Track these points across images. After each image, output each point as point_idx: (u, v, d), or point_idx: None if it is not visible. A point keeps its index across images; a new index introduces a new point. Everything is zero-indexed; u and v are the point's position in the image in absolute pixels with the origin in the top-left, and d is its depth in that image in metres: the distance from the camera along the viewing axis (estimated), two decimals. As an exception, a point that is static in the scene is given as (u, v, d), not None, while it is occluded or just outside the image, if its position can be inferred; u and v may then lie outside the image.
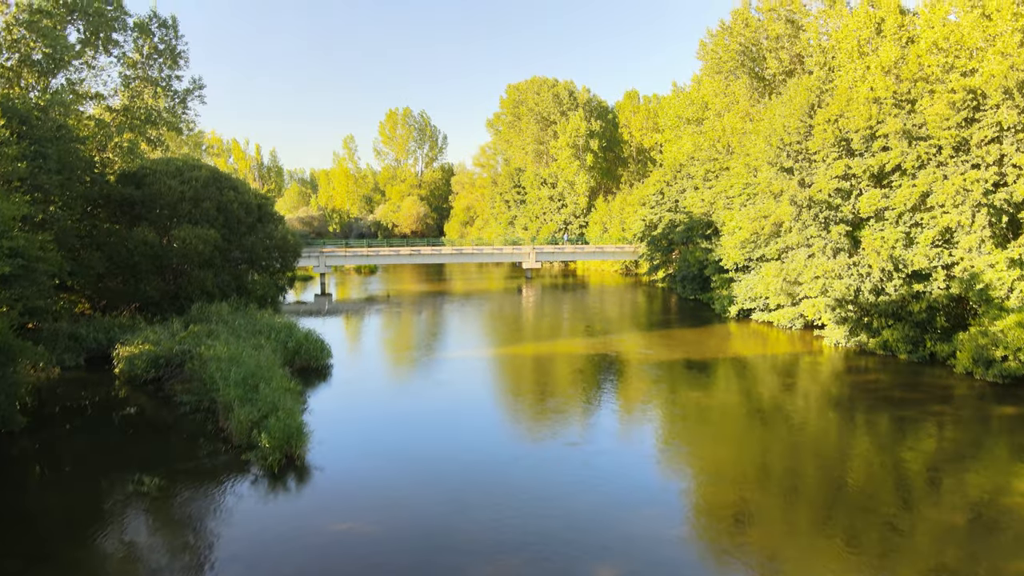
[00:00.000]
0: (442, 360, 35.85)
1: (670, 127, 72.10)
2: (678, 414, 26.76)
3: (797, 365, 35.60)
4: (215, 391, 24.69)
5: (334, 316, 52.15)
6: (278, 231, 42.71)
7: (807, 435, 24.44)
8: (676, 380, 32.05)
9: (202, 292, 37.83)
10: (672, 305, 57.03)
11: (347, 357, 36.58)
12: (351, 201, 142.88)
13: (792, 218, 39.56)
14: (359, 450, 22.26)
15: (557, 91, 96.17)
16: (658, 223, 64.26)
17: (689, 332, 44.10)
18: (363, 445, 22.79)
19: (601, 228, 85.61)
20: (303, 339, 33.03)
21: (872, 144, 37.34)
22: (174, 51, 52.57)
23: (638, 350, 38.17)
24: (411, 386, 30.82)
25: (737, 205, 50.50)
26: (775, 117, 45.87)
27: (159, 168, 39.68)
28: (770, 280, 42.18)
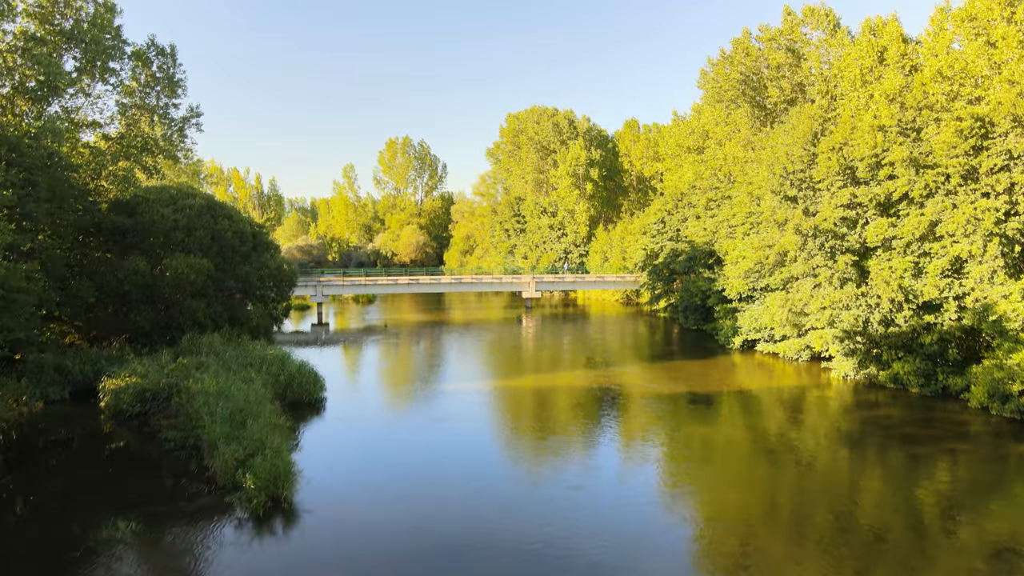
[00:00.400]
0: (439, 393, 34.79)
1: (671, 156, 71.82)
2: (683, 453, 25.67)
3: (804, 399, 34.51)
4: (201, 427, 23.65)
5: (330, 346, 51.14)
6: (273, 260, 41.90)
7: (817, 474, 23.36)
8: (680, 415, 30.98)
9: (194, 323, 36.90)
10: (674, 335, 56.04)
11: (341, 390, 35.50)
12: (351, 230, 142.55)
13: (797, 247, 38.78)
14: (350, 491, 21.13)
15: (557, 120, 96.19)
16: (659, 252, 63.53)
17: (692, 364, 43.07)
18: (355, 486, 21.66)
19: (602, 257, 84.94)
20: (296, 372, 32.03)
21: (878, 172, 36.69)
22: (172, 79, 52.29)
23: (640, 383, 37.13)
24: (407, 422, 29.72)
25: (740, 234, 49.80)
26: (778, 145, 45.38)
27: (152, 196, 39.01)
28: (775, 310, 41.26)
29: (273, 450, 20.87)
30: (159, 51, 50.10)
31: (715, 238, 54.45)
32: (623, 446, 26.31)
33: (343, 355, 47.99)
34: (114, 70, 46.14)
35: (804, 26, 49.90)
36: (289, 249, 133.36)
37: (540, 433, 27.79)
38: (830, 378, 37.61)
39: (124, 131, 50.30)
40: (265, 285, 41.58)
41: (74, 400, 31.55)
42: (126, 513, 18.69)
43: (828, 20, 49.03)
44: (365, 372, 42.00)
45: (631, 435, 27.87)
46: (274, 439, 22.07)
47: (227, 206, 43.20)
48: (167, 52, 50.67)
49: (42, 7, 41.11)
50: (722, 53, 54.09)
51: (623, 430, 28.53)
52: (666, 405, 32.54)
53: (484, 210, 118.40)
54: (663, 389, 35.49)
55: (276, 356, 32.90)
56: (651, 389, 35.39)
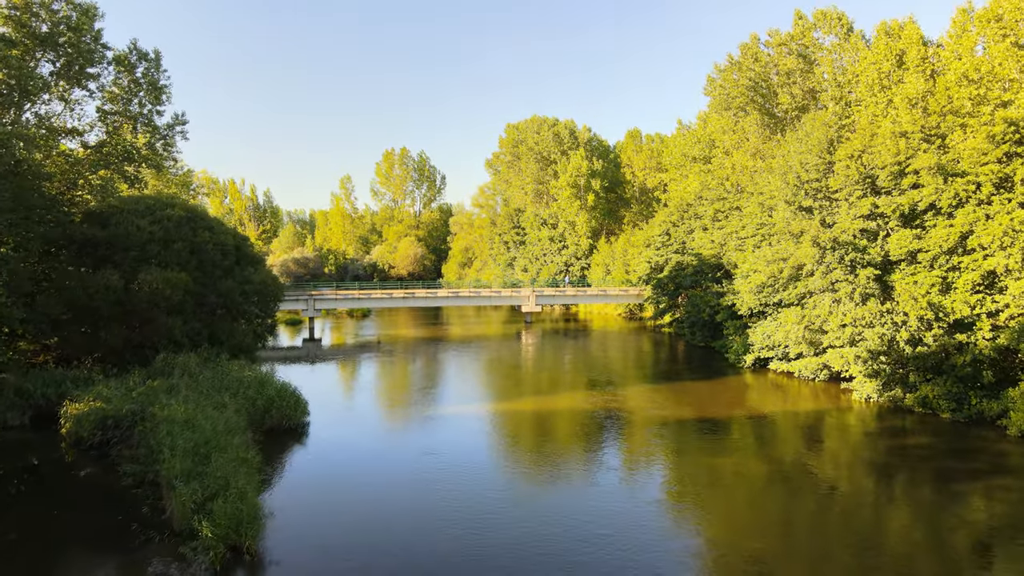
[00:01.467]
0: (432, 419, 32.25)
1: (675, 166, 69.57)
2: (691, 489, 23.12)
3: (824, 424, 32.00)
4: (161, 461, 21.15)
5: (321, 364, 48.65)
6: (257, 274, 39.48)
7: (838, 509, 21.13)
8: (689, 444, 28.46)
9: (170, 341, 34.46)
10: (680, 353, 53.54)
11: (327, 414, 32.97)
12: (347, 242, 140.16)
13: (815, 261, 36.37)
14: (325, 537, 18.56)
15: (557, 130, 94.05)
16: (664, 265, 61.16)
17: (701, 384, 40.54)
18: (331, 531, 19.09)
19: (603, 270, 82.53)
20: (275, 395, 29.53)
21: (901, 181, 34.38)
22: (156, 85, 50.16)
23: (646, 407, 34.61)
24: (395, 453, 27.12)
25: (750, 246, 47.46)
26: (791, 154, 43.14)
27: (128, 207, 36.70)
28: (790, 327, 38.81)
29: (237, 491, 18.41)
30: (141, 56, 47.99)
31: (724, 251, 52.12)
32: (629, 479, 23.77)
33: (333, 374, 45.49)
34: (93, 75, 43.98)
35: (816, 30, 47.79)
36: (285, 262, 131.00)
37: (539, 465, 25.24)
38: (851, 400, 35.12)
39: (105, 139, 48.18)
40: (248, 301, 39.16)
41: (35, 426, 29.10)
42: (65, 564, 16.19)
43: (841, 24, 46.92)
44: (354, 393, 39.46)
45: (637, 466, 25.34)
46: (239, 478, 19.59)
47: (209, 217, 40.84)
48: (151, 57, 48.66)
49: (15, 8, 38.97)
50: (730, 59, 51.99)
51: (627, 463, 25.99)
52: (674, 432, 30.01)
53: (483, 222, 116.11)
54: (670, 413, 32.96)
55: (254, 378, 30.40)
56: (657, 414, 32.84)
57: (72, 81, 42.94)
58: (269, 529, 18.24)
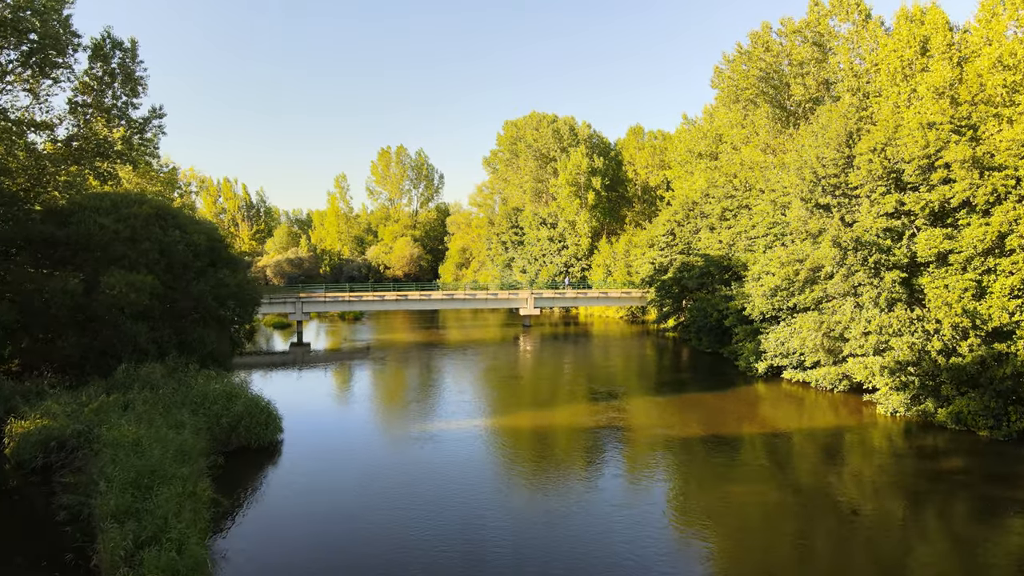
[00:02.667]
0: (419, 438, 29.36)
1: (680, 162, 66.69)
2: (701, 515, 20.26)
3: (846, 441, 29.23)
4: (96, 495, 18.33)
5: (306, 371, 45.86)
6: (233, 276, 36.64)
7: (862, 538, 18.64)
8: (698, 465, 25.66)
9: (134, 350, 31.61)
10: (687, 359, 50.71)
11: (304, 430, 30.14)
12: (342, 242, 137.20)
13: (835, 262, 33.54)
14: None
15: (557, 127, 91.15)
16: (668, 266, 58.34)
17: (709, 396, 37.68)
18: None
19: (604, 271, 79.70)
20: (244, 411, 26.70)
21: (930, 175, 31.55)
22: (132, 76, 47.44)
23: (651, 422, 31.79)
24: (374, 480, 24.20)
25: (761, 247, 44.66)
26: (806, 148, 40.31)
27: (90, 204, 33.87)
28: (806, 334, 35.99)
29: (179, 535, 15.61)
30: (116, 45, 45.25)
31: (732, 251, 49.31)
32: (630, 509, 20.88)
33: (317, 383, 42.68)
34: (61, 64, 41.25)
35: (832, 17, 44.95)
36: (279, 262, 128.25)
37: (536, 493, 22.39)
38: (875, 414, 32.32)
39: (75, 132, 45.45)
40: (223, 305, 36.34)
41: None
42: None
43: (859, 10, 44.08)
44: (337, 406, 36.57)
45: (639, 494, 22.47)
46: (184, 516, 16.79)
47: (181, 215, 38.00)
48: (126, 47, 45.93)
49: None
50: (739, 48, 49.11)
51: (630, 490, 23.12)
52: (682, 453, 27.19)
53: (481, 221, 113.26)
54: (678, 431, 30.11)
55: (221, 392, 27.52)
56: (664, 432, 29.97)
57: (38, 70, 40.24)
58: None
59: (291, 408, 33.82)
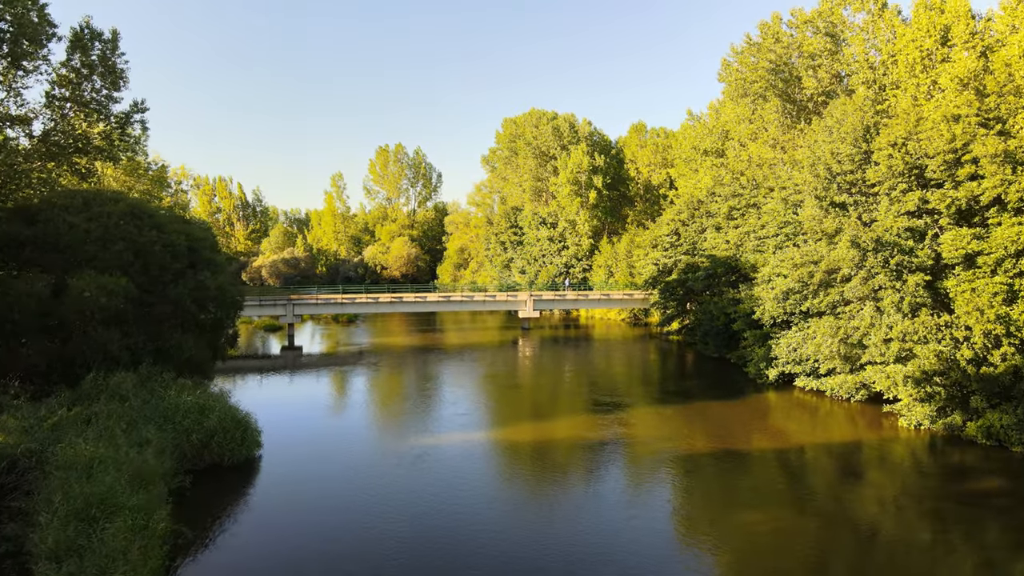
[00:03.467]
0: (409, 454, 27.27)
1: (684, 159, 64.56)
2: (711, 538, 18.18)
3: (866, 456, 27.22)
4: (38, 527, 16.28)
5: (296, 376, 43.85)
6: (214, 278, 34.50)
7: (886, 564, 16.89)
8: (706, 481, 23.69)
9: (105, 357, 29.51)
10: (692, 365, 48.62)
11: (285, 444, 28.09)
12: (339, 242, 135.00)
13: (853, 264, 31.47)
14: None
15: (557, 124, 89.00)
16: (673, 268, 56.25)
17: (717, 405, 35.58)
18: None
19: (606, 272, 77.58)
20: (218, 425, 24.65)
21: (956, 171, 29.47)
22: (113, 69, 45.41)
23: (657, 435, 29.72)
24: (356, 505, 22.16)
25: (771, 247, 42.60)
26: (819, 143, 38.23)
27: (61, 202, 31.79)
28: (821, 340, 33.91)
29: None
30: (95, 35, 43.30)
31: (740, 252, 47.23)
32: (632, 532, 18.81)
33: (305, 390, 40.64)
34: (37, 55, 39.27)
35: (845, 7, 42.86)
36: (274, 262, 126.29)
37: (532, 515, 20.30)
38: (896, 427, 30.27)
39: (52, 127, 43.47)
40: (204, 309, 34.23)
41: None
42: None
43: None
44: (323, 416, 34.42)
45: (642, 514, 20.39)
46: (132, 555, 14.73)
47: (160, 213, 35.89)
48: (106, 38, 43.97)
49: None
50: (748, 40, 46.98)
51: (632, 508, 21.03)
52: (688, 468, 25.16)
53: (479, 221, 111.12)
54: (684, 443, 28.06)
55: (194, 404, 25.45)
56: (670, 446, 27.91)
57: (11, 62, 38.24)
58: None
59: (274, 419, 31.88)
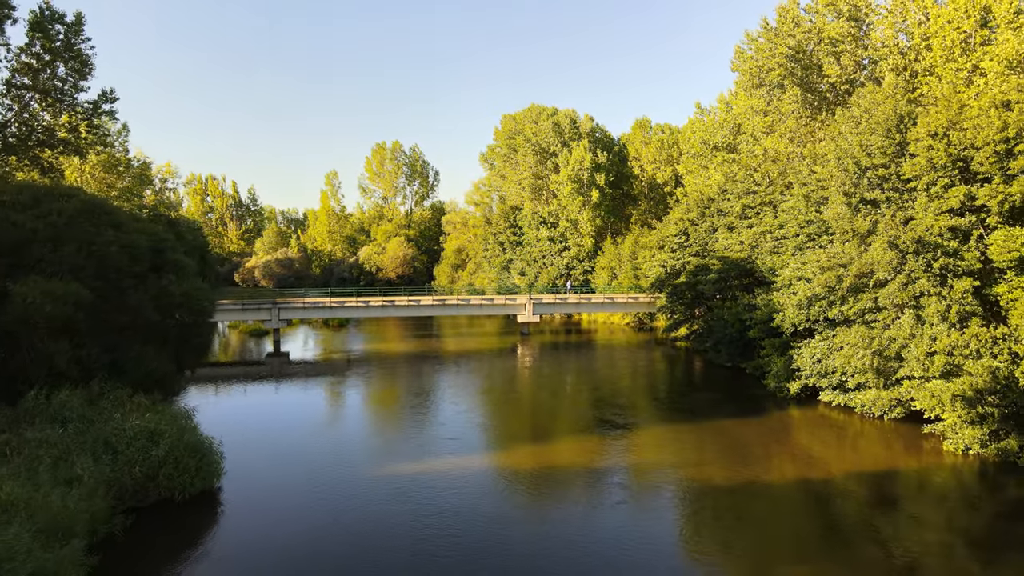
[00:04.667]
0: (393, 482, 23.96)
1: (693, 155, 61.20)
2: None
3: (903, 482, 24.13)
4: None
5: (280, 386, 40.62)
6: (180, 283, 31.23)
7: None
8: (722, 514, 20.32)
9: (51, 372, 26.22)
10: (703, 375, 45.31)
11: (253, 470, 24.83)
12: (333, 242, 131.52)
13: (890, 267, 28.17)
14: None
15: (558, 119, 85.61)
16: (681, 270, 52.92)
17: (735, 423, 32.22)
18: None
19: (609, 274, 74.24)
20: (167, 454, 21.35)
21: (1008, 163, 26.17)
22: (79, 55, 42.19)
23: (665, 458, 26.45)
24: (328, 546, 18.87)
25: (790, 248, 39.29)
26: (845, 135, 34.93)
27: (5, 198, 28.53)
28: (851, 351, 30.61)
29: None
30: (56, 18, 40.23)
31: (755, 253, 43.91)
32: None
33: (286, 402, 37.42)
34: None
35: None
36: (268, 263, 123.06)
37: (528, 557, 17.01)
38: (940, 450, 26.96)
39: (10, 118, 40.37)
40: (168, 317, 30.95)
41: None
42: None
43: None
44: (299, 435, 30.93)
45: (649, 557, 17.13)
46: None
47: (119, 211, 32.63)
48: (68, 21, 40.92)
49: None
50: (764, 25, 43.68)
51: (638, 550, 17.72)
52: (701, 497, 21.91)
53: (477, 221, 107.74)
54: (699, 470, 24.72)
55: (142, 429, 22.13)
56: (684, 473, 24.59)
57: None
58: None
59: (246, 437, 28.80)
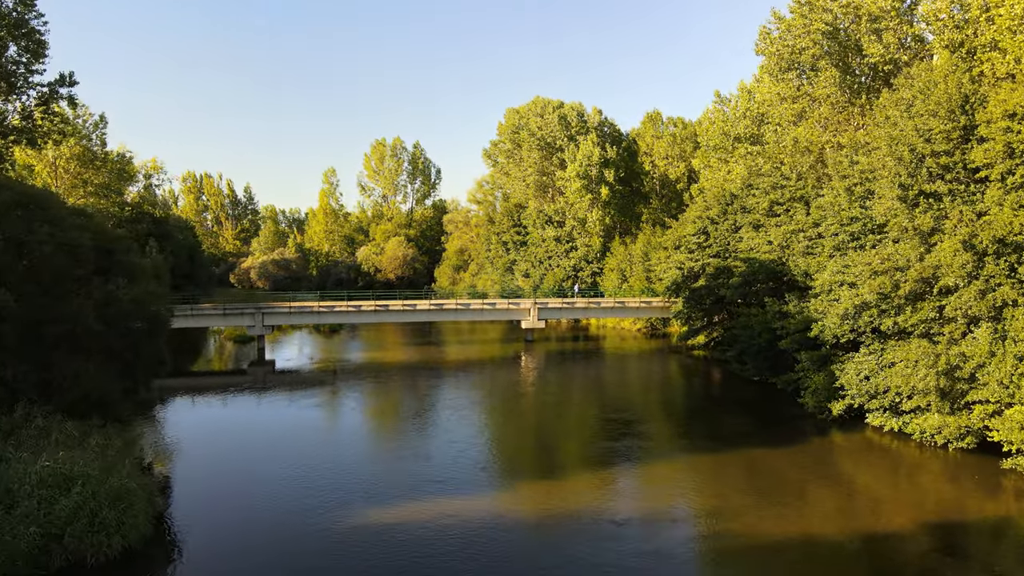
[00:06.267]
0: (365, 535, 19.59)
1: (713, 147, 56.63)
2: None
3: (978, 532, 19.95)
4: None
5: (262, 399, 36.45)
6: (130, 289, 26.85)
7: None
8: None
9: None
10: (727, 389, 40.83)
11: (202, 516, 20.57)
12: (331, 242, 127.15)
13: (964, 272, 23.68)
14: None
15: (564, 112, 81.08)
16: (700, 272, 48.48)
17: (768, 451, 27.70)
18: None
19: (619, 276, 69.69)
20: (79, 504, 17.04)
21: (1112, 147, 21.64)
22: (31, 33, 38.13)
23: (696, 504, 22.06)
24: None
25: (828, 249, 34.83)
26: (897, 119, 30.44)
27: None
28: (912, 369, 26.14)
29: None
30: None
31: (786, 254, 39.45)
32: None
33: (263, 419, 33.32)
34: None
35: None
36: (264, 264, 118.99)
37: None
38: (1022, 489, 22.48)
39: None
40: (114, 327, 26.54)
41: None
42: None
43: (956, -56, 34.09)
44: (266, 466, 26.43)
45: None
46: None
47: (58, 205, 28.19)
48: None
49: None
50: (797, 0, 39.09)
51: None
52: (733, 559, 17.45)
53: (480, 220, 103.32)
54: (735, 520, 20.19)
55: (50, 474, 17.80)
56: (717, 525, 20.07)
57: None
58: None
59: (204, 469, 24.71)
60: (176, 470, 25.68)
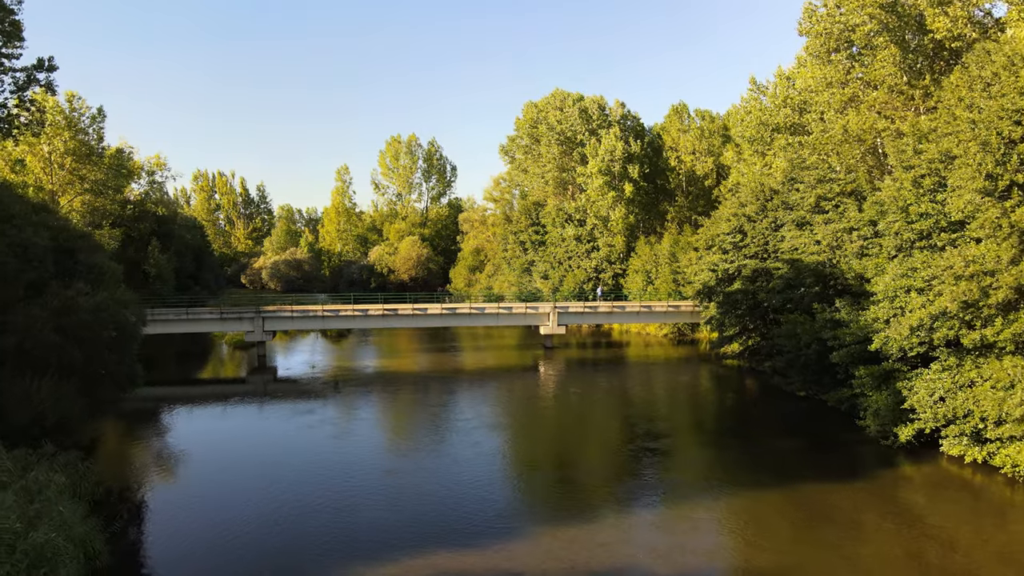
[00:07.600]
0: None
1: (748, 139, 52.38)
2: None
3: None
4: None
5: (260, 410, 33.00)
6: (91, 296, 23.50)
7: None
8: None
9: None
10: (767, 406, 36.71)
11: (156, 559, 17.00)
12: (343, 242, 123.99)
13: (1078, 278, 19.55)
14: None
15: (585, 105, 77.08)
16: (736, 275, 44.39)
17: (824, 486, 23.56)
18: None
19: (643, 278, 65.63)
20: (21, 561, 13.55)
21: None
22: (5, 12, 34.97)
23: (743, 560, 18.01)
24: None
25: (888, 249, 30.67)
26: (973, 100, 26.27)
27: None
28: (1004, 393, 22.02)
29: None
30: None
31: (837, 255, 35.29)
32: None
33: (256, 434, 29.94)
34: None
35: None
36: (276, 264, 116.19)
37: None
38: None
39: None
40: (72, 339, 23.19)
41: None
42: None
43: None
44: (256, 497, 22.95)
45: None
46: None
47: (15, 201, 24.90)
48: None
49: None
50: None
51: None
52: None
53: (497, 219, 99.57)
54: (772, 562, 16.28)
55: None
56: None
57: None
58: None
59: (182, 496, 21.34)
60: (148, 500, 22.15)
